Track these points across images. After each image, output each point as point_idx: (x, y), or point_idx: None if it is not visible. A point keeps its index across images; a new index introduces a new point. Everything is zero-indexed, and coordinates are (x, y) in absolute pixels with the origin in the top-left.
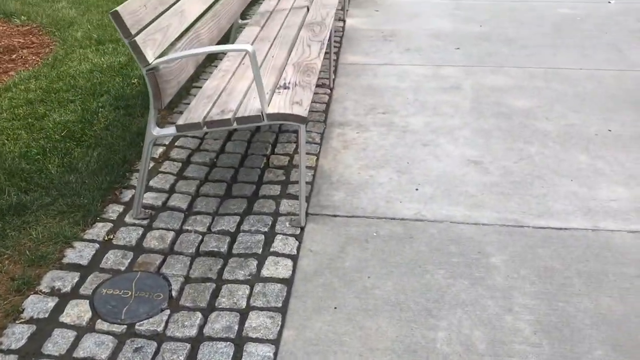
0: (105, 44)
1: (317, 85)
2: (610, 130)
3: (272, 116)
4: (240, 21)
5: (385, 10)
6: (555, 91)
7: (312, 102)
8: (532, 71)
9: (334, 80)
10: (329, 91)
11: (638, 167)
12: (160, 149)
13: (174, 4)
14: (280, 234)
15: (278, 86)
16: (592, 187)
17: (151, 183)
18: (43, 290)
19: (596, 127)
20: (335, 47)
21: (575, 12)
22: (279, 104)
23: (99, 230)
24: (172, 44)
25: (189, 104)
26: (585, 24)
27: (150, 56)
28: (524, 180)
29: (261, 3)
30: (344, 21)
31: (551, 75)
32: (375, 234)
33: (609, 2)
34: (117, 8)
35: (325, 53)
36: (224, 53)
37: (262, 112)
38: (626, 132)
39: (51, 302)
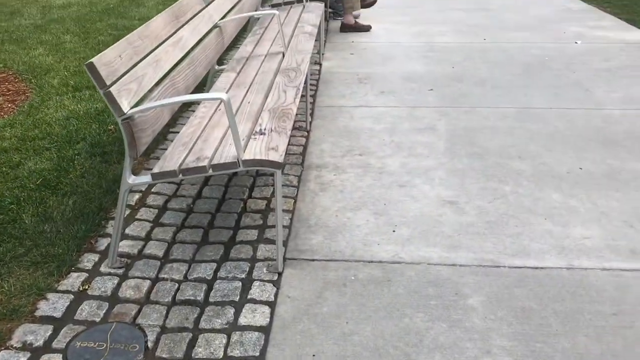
0: (82, 91)
1: (295, 128)
2: (581, 169)
3: (247, 162)
4: (216, 67)
5: (360, 53)
6: (528, 131)
7: (289, 145)
8: (504, 111)
9: (310, 122)
10: (306, 134)
11: (609, 205)
12: (137, 196)
13: (149, 53)
14: (257, 280)
15: (254, 132)
16: (566, 225)
17: (127, 231)
18: (14, 345)
19: (568, 166)
20: (311, 90)
21: (545, 53)
22: (255, 150)
23: (74, 280)
24: (148, 93)
25: (165, 149)
26: (555, 64)
27: (126, 106)
28: (499, 219)
29: (238, 48)
30: (320, 64)
31: (524, 115)
32: (353, 278)
33: (576, 43)
34: (93, 59)
35: (302, 96)
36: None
37: (237, 159)
38: (597, 169)
39: (23, 358)
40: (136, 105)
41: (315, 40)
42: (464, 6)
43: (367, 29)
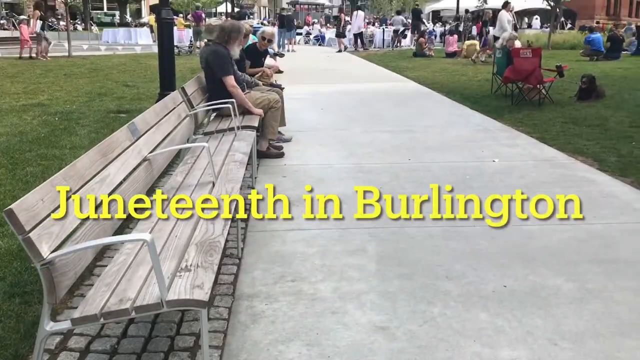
0: (5, 226)
1: (226, 256)
2: (505, 287)
3: (171, 303)
4: None
5: (292, 175)
6: (454, 250)
7: (220, 274)
8: (431, 230)
9: (242, 249)
10: (237, 261)
11: (533, 323)
12: (57, 339)
13: (75, 192)
14: None
15: (180, 269)
16: (494, 346)
17: None
18: None
19: (493, 284)
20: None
21: (466, 172)
22: (180, 289)
23: None
24: (72, 233)
25: (91, 285)
26: (475, 182)
27: (46, 250)
28: (430, 344)
29: (171, 174)
30: (253, 188)
31: (450, 233)
32: None
33: (494, 161)
34: (12, 206)
35: (233, 220)
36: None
37: (161, 300)
38: (520, 287)
39: None
40: (58, 248)
41: (249, 163)
42: (389, 128)
43: (280, 155)
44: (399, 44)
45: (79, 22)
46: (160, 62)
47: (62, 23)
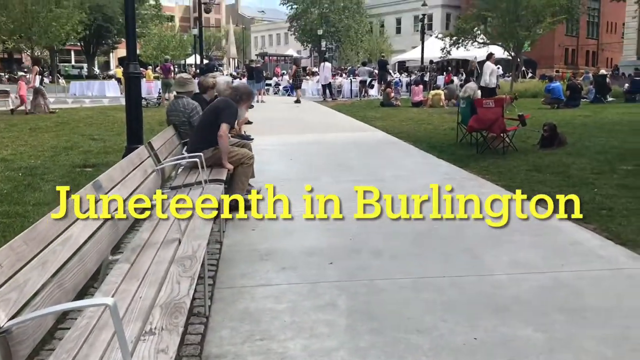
0: None
1: (193, 315)
2: (476, 339)
3: None
4: (110, 257)
5: (262, 229)
6: (424, 301)
7: (186, 334)
8: (401, 282)
9: (210, 307)
10: (204, 320)
11: None
12: None
13: (34, 257)
14: None
15: (144, 332)
16: None
17: None
18: None
19: (463, 336)
20: (211, 270)
21: (435, 221)
22: (144, 354)
23: None
24: (31, 299)
25: (52, 349)
26: (444, 231)
27: (3, 318)
28: None
29: (137, 230)
30: (221, 242)
31: (420, 284)
32: None
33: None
34: None
35: (200, 277)
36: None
37: None
38: (490, 339)
39: None
40: (16, 315)
41: (217, 217)
42: (358, 177)
43: (248, 208)
44: (366, 94)
45: (46, 75)
46: (127, 116)
47: (28, 76)
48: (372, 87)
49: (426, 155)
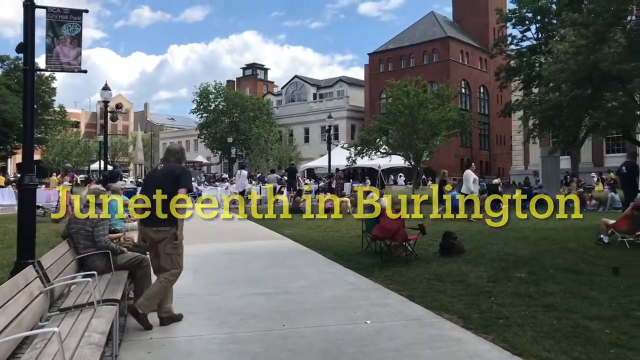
0: None
1: None
2: None
3: None
4: None
5: (158, 351)
6: None
7: None
8: None
9: None
10: None
11: None
12: None
13: None
14: None
15: None
16: None
17: None
18: None
19: None
20: None
21: (339, 336)
22: None
23: None
24: None
25: None
26: (349, 347)
27: None
28: None
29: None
30: None
31: None
32: None
33: (366, 323)
34: None
35: None
36: None
37: None
38: None
39: None
40: None
41: (109, 339)
42: (264, 290)
43: (148, 327)
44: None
45: None
46: (19, 229)
47: None
48: (281, 193)
49: (333, 264)
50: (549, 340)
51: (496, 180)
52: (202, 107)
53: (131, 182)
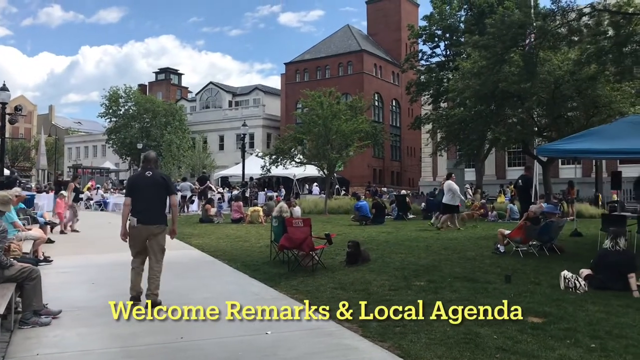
0: None
1: None
2: None
3: None
4: None
5: None
6: None
7: None
8: None
9: None
10: None
11: None
12: None
13: None
14: None
15: None
16: None
17: None
18: None
19: None
20: None
21: (240, 347)
22: None
23: None
24: None
25: None
26: (248, 358)
27: None
28: None
29: None
30: None
31: None
32: None
33: (267, 333)
34: None
35: None
36: None
37: None
38: None
39: None
40: None
41: None
42: (165, 302)
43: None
44: (186, 210)
45: None
46: None
47: None
48: (192, 202)
49: (240, 275)
50: (442, 347)
51: (403, 192)
52: (111, 111)
53: (35, 187)
